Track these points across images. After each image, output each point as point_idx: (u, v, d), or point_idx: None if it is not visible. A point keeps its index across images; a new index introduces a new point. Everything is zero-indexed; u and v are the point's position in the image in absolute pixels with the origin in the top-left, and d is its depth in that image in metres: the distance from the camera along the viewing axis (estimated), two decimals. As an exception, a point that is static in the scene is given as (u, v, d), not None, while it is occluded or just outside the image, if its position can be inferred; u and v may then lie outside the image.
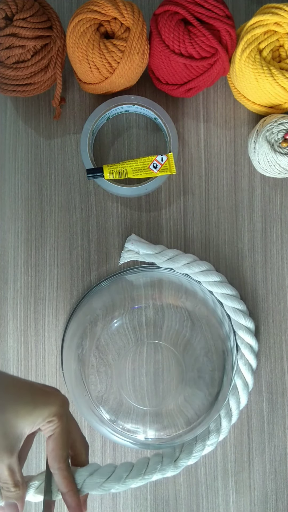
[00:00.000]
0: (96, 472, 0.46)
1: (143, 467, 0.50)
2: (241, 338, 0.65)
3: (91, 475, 0.46)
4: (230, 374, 0.63)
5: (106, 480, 0.46)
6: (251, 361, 0.64)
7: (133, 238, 0.65)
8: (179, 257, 0.65)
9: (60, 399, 0.45)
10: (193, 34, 0.57)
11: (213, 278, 0.65)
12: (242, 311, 0.65)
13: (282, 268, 0.67)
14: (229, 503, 0.65)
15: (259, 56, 0.58)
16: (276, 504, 0.65)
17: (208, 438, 0.61)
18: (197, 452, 0.60)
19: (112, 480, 0.46)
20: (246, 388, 0.64)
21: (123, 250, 0.66)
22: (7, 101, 0.68)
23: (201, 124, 0.68)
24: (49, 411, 0.43)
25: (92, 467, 0.47)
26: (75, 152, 0.67)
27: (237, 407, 0.63)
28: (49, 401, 0.44)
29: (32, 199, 0.67)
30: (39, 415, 0.43)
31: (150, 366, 0.63)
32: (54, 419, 0.44)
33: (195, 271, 0.65)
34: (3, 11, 0.57)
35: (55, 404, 0.44)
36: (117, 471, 0.47)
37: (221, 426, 0.62)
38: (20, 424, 0.42)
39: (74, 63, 0.60)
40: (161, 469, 0.52)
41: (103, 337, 0.63)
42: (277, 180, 0.67)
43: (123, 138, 0.67)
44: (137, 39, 0.57)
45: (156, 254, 0.65)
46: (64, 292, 0.66)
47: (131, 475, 0.48)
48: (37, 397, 0.44)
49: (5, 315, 0.66)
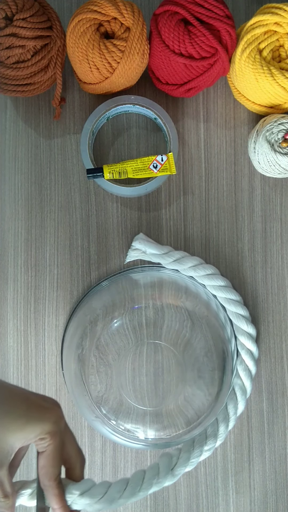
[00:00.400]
0: (88, 492, 0.45)
1: (137, 484, 0.48)
2: (242, 344, 0.64)
3: (82, 495, 0.45)
4: (230, 374, 0.63)
5: (97, 501, 0.45)
6: (250, 368, 0.64)
7: (141, 237, 0.65)
8: (185, 259, 0.65)
9: (55, 415, 0.43)
10: (193, 34, 0.57)
11: (218, 282, 0.65)
12: (245, 317, 0.65)
13: (282, 268, 0.67)
14: (229, 503, 0.65)
15: (259, 56, 0.58)
16: (276, 504, 0.65)
17: (205, 444, 0.60)
18: (194, 459, 0.58)
19: (103, 501, 0.45)
20: (244, 394, 0.64)
21: (130, 248, 0.66)
22: (7, 101, 0.68)
23: (201, 124, 0.68)
24: (42, 428, 0.42)
25: (85, 485, 0.45)
26: (75, 152, 0.67)
27: (234, 412, 0.63)
28: (44, 417, 0.42)
29: (32, 199, 0.67)
30: (31, 431, 0.42)
31: (150, 366, 0.63)
32: (47, 436, 0.42)
33: (200, 274, 0.65)
34: (3, 11, 0.57)
35: (49, 421, 0.42)
36: (110, 491, 0.46)
37: (218, 431, 0.62)
38: (10, 439, 0.41)
39: (74, 63, 0.60)
40: (157, 482, 0.50)
41: (103, 337, 0.63)
42: (277, 180, 0.67)
43: (123, 138, 0.67)
44: (137, 39, 0.57)
45: (162, 254, 0.65)
46: (64, 292, 0.66)
47: (124, 495, 0.46)
48: (31, 411, 0.42)
49: (5, 315, 0.66)
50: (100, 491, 0.45)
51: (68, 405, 0.65)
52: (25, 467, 0.65)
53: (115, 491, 0.46)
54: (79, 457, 0.47)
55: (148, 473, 0.50)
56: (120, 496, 0.46)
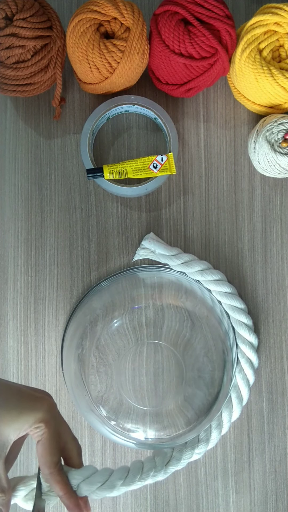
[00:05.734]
0: (90, 478, 0.46)
1: (137, 473, 0.50)
2: (243, 352, 0.64)
3: (85, 481, 0.46)
4: (230, 374, 0.63)
5: (99, 487, 0.46)
6: (249, 377, 0.64)
7: (151, 236, 0.65)
8: (193, 263, 0.64)
9: (46, 404, 0.44)
10: (193, 34, 0.57)
11: (224, 289, 0.64)
12: (248, 326, 0.64)
13: (282, 268, 0.67)
14: (229, 503, 0.65)
15: (259, 56, 0.58)
16: (276, 504, 0.65)
17: (197, 447, 0.61)
18: (185, 459, 0.60)
19: (105, 487, 0.46)
20: (240, 403, 0.64)
21: (139, 247, 0.66)
22: (7, 101, 0.68)
23: (201, 124, 0.68)
24: (35, 417, 0.43)
25: (87, 470, 0.46)
26: (75, 152, 0.67)
27: (228, 420, 0.63)
28: (36, 406, 0.43)
29: (32, 199, 0.67)
30: (25, 422, 0.42)
31: (150, 366, 0.63)
32: (41, 425, 0.43)
33: (208, 279, 0.64)
34: (3, 11, 0.57)
35: (42, 410, 0.43)
36: (112, 478, 0.47)
37: (211, 436, 0.62)
38: (4, 431, 0.42)
39: (74, 63, 0.60)
40: (153, 475, 0.53)
41: (103, 337, 0.63)
42: (277, 180, 0.67)
43: (123, 138, 0.67)
44: (137, 39, 0.57)
45: (171, 256, 0.64)
46: (64, 292, 0.66)
47: (125, 482, 0.48)
48: (23, 402, 0.43)
49: (5, 315, 0.66)
50: (103, 477, 0.47)
51: (68, 405, 0.65)
52: (24, 467, 0.65)
53: (116, 478, 0.48)
54: (75, 444, 0.48)
55: (146, 465, 0.53)
56: (121, 483, 0.48)
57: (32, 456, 0.65)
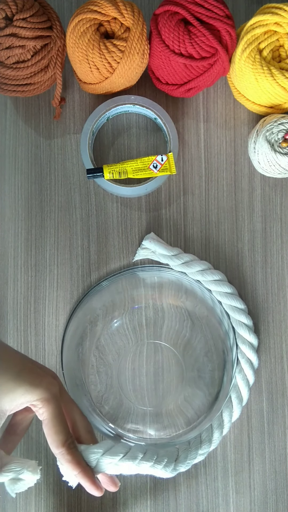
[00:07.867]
0: (112, 450, 0.45)
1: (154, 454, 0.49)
2: (243, 352, 0.64)
3: (106, 453, 0.45)
4: (230, 374, 0.63)
5: (122, 458, 0.45)
6: (249, 377, 0.64)
7: (151, 236, 0.65)
8: (194, 263, 0.64)
9: (46, 381, 0.43)
10: (193, 34, 0.57)
11: (224, 289, 0.64)
12: (248, 326, 0.64)
13: (282, 268, 0.67)
14: (229, 503, 0.65)
15: (259, 56, 0.58)
16: (276, 504, 0.65)
17: (200, 448, 0.61)
18: (191, 460, 0.59)
19: (128, 457, 0.45)
20: (240, 403, 0.63)
21: (139, 247, 0.66)
22: (7, 101, 0.68)
23: (201, 124, 0.68)
24: (32, 392, 0.42)
25: (105, 444, 0.46)
26: (75, 152, 0.67)
27: (229, 420, 0.63)
28: (34, 382, 0.43)
29: (32, 199, 0.67)
30: (21, 395, 0.42)
31: (150, 366, 0.63)
32: (39, 403, 0.42)
33: (208, 279, 0.64)
34: (3, 11, 0.57)
35: (40, 387, 0.42)
36: (133, 449, 0.46)
37: (213, 437, 0.62)
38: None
39: (74, 63, 0.60)
40: (165, 465, 0.52)
41: (103, 337, 0.63)
42: (277, 180, 0.67)
43: (123, 138, 0.67)
44: (137, 39, 0.57)
45: (171, 256, 0.64)
46: (64, 292, 0.66)
47: (145, 457, 0.47)
48: (22, 375, 0.42)
49: (5, 315, 0.66)
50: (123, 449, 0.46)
51: (68, 405, 0.65)
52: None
53: (137, 450, 0.47)
54: (83, 422, 0.47)
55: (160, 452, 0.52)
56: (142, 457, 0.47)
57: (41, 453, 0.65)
